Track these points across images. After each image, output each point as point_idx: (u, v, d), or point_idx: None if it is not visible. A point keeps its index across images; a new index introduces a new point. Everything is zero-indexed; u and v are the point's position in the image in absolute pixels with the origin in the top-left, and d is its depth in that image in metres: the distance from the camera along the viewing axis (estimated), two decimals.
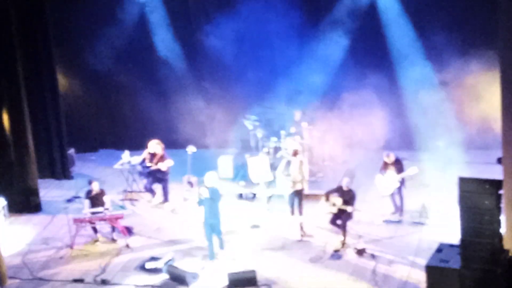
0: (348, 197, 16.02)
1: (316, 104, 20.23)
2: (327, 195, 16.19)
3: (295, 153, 17.01)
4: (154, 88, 21.24)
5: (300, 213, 16.87)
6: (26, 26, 18.90)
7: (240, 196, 18.65)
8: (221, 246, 15.74)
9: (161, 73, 21.18)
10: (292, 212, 16.96)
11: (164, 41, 20.94)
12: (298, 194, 16.82)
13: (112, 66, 21.22)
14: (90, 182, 17.03)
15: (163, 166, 18.28)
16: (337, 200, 16.03)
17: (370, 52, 20.01)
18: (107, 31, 21.09)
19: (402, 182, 16.91)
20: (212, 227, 15.50)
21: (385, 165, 16.99)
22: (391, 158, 16.91)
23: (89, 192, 16.97)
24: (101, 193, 17.01)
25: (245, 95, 20.62)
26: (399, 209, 17.02)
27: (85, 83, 21.79)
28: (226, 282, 14.54)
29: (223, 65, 20.55)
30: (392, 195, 17.04)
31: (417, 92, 19.59)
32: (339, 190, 16.16)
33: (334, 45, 19.96)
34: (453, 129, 19.43)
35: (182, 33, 20.85)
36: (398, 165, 16.88)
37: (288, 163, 16.98)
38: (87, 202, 16.85)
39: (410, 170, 16.79)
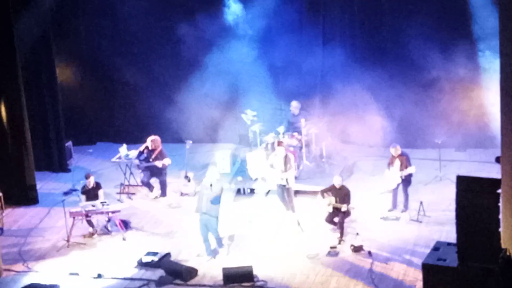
0: (342, 194, 15.99)
1: (315, 100, 20.18)
2: (322, 194, 16.18)
3: (279, 145, 17.00)
4: (153, 82, 21.17)
5: (292, 209, 16.83)
6: (24, 17, 18.81)
7: (238, 191, 18.60)
8: (219, 245, 15.72)
9: (161, 68, 21.11)
10: (286, 208, 16.94)
11: (164, 36, 20.87)
12: (286, 189, 16.79)
13: (112, 59, 21.13)
14: (87, 177, 17.05)
15: (159, 163, 18.21)
16: (331, 199, 16.00)
17: (369, 48, 19.96)
18: (107, 24, 21.03)
19: (407, 178, 16.79)
20: (207, 226, 15.43)
21: (392, 159, 16.88)
22: (397, 151, 16.79)
23: (84, 186, 17.01)
24: (97, 187, 17.03)
25: (244, 90, 20.54)
26: (404, 206, 16.85)
27: (83, 75, 21.70)
28: (222, 278, 14.52)
29: (223, 59, 20.47)
30: (394, 190, 16.98)
31: (415, 89, 19.55)
32: (332, 189, 16.13)
33: (334, 40, 19.91)
34: (451, 127, 19.43)
35: (177, 27, 20.67)
36: (404, 159, 16.79)
37: (274, 154, 17.00)
38: (82, 196, 16.93)
39: (409, 169, 16.70)
